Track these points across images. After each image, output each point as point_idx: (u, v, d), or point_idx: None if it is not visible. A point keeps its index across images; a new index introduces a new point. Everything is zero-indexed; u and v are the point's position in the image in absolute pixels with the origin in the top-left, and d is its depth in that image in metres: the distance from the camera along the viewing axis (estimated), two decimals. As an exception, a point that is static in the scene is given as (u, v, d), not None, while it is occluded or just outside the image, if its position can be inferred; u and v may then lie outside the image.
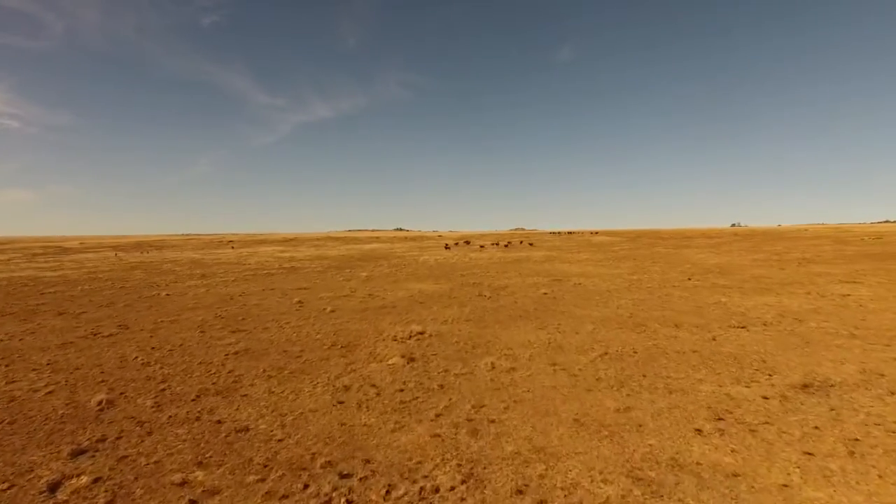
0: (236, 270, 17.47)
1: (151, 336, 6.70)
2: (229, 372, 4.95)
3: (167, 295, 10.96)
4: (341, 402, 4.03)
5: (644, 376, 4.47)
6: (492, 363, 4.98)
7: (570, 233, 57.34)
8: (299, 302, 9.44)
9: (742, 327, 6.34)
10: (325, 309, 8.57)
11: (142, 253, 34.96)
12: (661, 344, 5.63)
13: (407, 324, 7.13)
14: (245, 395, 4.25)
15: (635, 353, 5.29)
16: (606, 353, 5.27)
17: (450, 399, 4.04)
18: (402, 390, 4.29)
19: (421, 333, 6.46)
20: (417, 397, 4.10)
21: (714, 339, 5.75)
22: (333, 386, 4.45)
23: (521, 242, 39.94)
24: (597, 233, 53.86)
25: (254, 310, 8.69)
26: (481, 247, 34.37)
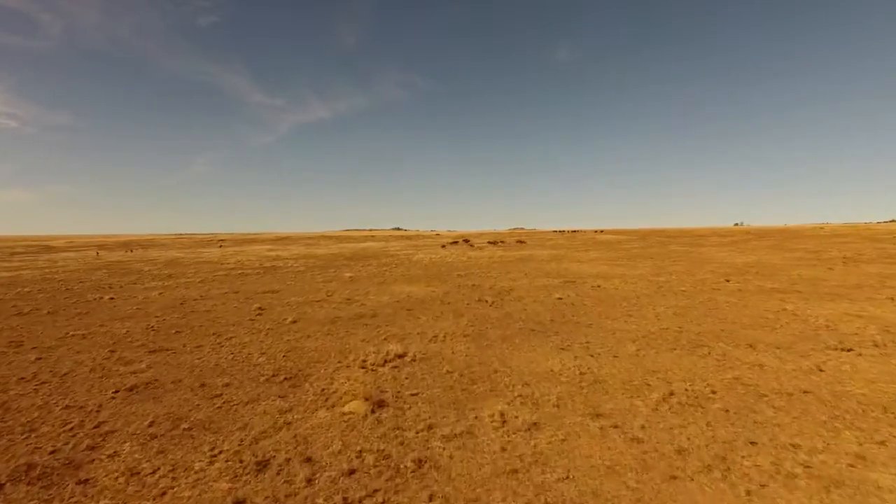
0: (209, 270, 15.73)
1: (39, 358, 4.95)
2: (97, 426, 3.21)
3: (111, 299, 9.22)
4: (239, 503, 2.29)
5: (753, 444, 2.72)
6: (501, 413, 3.23)
7: (574, 231, 55.30)
8: (259, 309, 7.68)
9: (847, 349, 4.58)
10: (285, 319, 6.81)
11: (126, 252, 33.27)
12: (745, 377, 3.88)
13: (384, 341, 5.37)
14: (85, 482, 2.51)
15: (714, 393, 3.54)
16: (672, 395, 3.52)
17: (430, 496, 2.30)
18: (352, 472, 2.54)
19: (401, 356, 4.71)
20: (375, 491, 2.36)
21: (821, 371, 4.00)
22: (241, 460, 2.70)
23: (523, 241, 38.22)
24: (602, 231, 51.92)
25: (198, 319, 6.94)
26: (477, 245, 32.64)
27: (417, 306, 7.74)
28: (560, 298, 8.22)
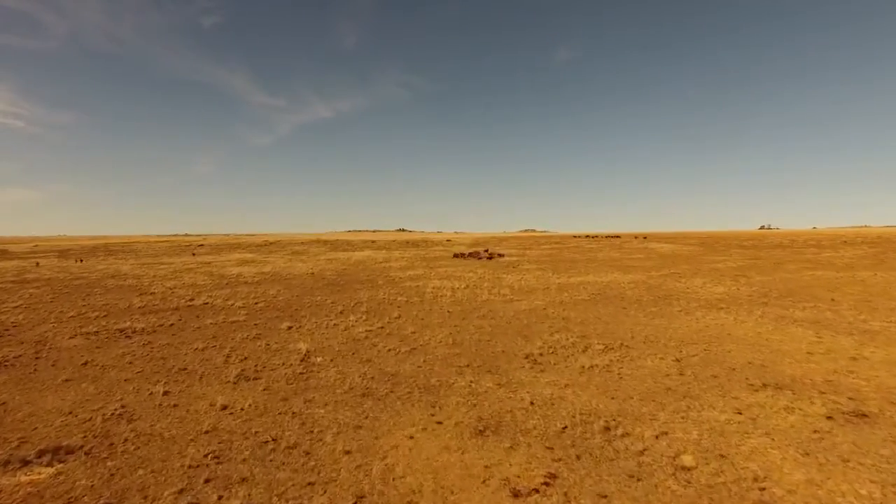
0: (98, 310, 9.38)
1: None
2: None
3: None
4: None
5: None
6: None
7: (612, 237, 47.53)
8: None
9: None
10: None
11: (77, 261, 27.51)
12: None
13: None
14: None
15: None
16: None
17: None
18: None
19: None
20: None
21: None
22: None
23: (558, 251, 31.44)
24: (646, 237, 44.55)
25: None
26: (506, 257, 25.96)
27: None
28: None
